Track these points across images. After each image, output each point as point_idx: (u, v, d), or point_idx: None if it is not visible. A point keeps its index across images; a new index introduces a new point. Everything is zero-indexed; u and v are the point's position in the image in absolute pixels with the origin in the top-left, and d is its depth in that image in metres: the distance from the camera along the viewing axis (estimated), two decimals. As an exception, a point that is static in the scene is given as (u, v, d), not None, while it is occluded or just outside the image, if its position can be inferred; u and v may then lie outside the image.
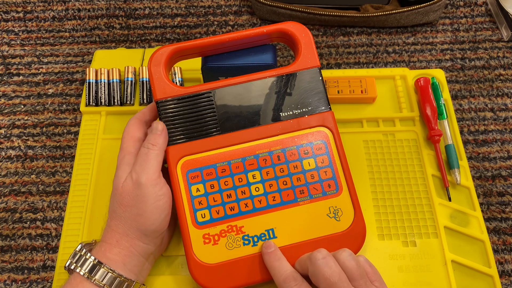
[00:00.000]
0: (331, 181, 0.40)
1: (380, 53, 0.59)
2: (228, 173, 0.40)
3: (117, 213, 0.38)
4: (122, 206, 0.38)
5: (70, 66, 0.58)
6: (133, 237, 0.37)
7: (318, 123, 0.41)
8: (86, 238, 0.45)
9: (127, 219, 0.37)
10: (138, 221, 0.37)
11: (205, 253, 0.39)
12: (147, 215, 0.37)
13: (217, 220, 0.39)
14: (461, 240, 0.44)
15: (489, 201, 0.49)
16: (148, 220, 0.37)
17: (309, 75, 0.42)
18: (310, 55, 0.42)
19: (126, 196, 0.37)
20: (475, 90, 0.56)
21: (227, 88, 0.42)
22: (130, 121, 0.41)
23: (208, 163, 0.40)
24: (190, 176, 0.40)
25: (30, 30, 0.61)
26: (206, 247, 0.39)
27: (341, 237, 0.39)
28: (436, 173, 0.47)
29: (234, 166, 0.40)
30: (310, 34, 0.43)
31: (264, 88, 0.42)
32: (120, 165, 0.39)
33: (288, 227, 0.39)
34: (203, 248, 0.39)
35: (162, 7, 0.63)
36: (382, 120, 0.50)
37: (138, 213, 0.37)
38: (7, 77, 0.57)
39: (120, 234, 0.37)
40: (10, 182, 0.50)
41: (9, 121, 0.54)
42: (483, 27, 0.61)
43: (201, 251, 0.39)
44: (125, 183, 0.38)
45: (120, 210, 0.38)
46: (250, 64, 0.44)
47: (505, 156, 0.51)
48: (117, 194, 0.38)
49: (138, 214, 0.37)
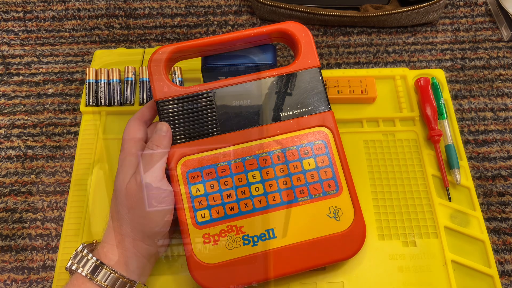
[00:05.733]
0: (331, 181, 0.40)
1: (380, 53, 0.59)
2: (228, 173, 0.40)
3: (120, 215, 0.38)
4: (126, 207, 0.37)
5: (70, 66, 0.58)
6: (135, 238, 0.37)
7: (318, 123, 0.41)
8: (86, 238, 0.45)
9: (130, 221, 0.37)
10: (142, 223, 0.37)
11: (205, 253, 0.39)
12: (150, 217, 0.37)
13: (217, 220, 0.39)
14: (461, 240, 0.44)
15: (489, 201, 0.49)
16: (152, 222, 0.37)
17: (309, 75, 0.42)
18: (310, 55, 0.42)
19: (130, 198, 0.37)
20: (475, 90, 0.56)
21: (227, 88, 0.42)
22: (130, 121, 0.41)
23: (208, 163, 0.40)
24: (190, 176, 0.40)
25: (30, 30, 0.61)
26: (206, 247, 0.39)
27: (341, 237, 0.39)
28: (436, 173, 0.47)
29: (234, 166, 0.40)
30: (310, 34, 0.43)
31: (264, 88, 0.42)
32: (122, 167, 0.39)
33: (288, 227, 0.39)
34: (203, 248, 0.39)
35: (162, 7, 0.63)
36: (382, 120, 0.50)
37: (141, 215, 0.37)
38: (7, 77, 0.57)
39: (123, 236, 0.37)
40: (10, 182, 0.50)
41: (9, 121, 0.54)
42: (483, 27, 0.61)
43: (201, 251, 0.39)
44: (129, 185, 0.37)
45: (123, 211, 0.37)
46: (250, 64, 0.44)
47: (505, 156, 0.51)
48: (121, 195, 0.38)
49: (142, 216, 0.37)
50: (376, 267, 0.43)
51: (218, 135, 0.41)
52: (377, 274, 0.42)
